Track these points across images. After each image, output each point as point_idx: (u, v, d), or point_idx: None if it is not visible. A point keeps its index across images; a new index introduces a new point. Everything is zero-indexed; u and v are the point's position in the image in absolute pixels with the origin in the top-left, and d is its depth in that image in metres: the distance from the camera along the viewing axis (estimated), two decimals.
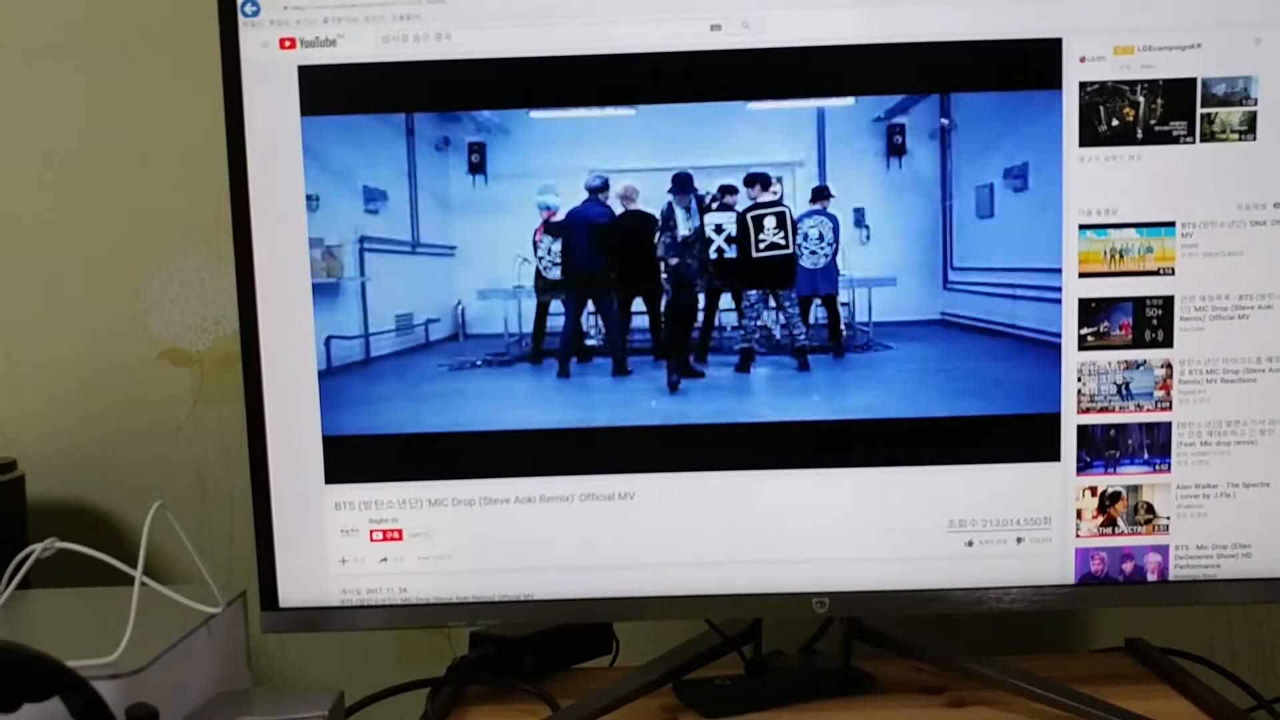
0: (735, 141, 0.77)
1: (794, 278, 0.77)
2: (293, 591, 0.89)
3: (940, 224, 0.79)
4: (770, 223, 0.74)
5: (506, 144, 0.78)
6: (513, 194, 0.78)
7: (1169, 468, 0.88)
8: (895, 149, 0.77)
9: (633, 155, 0.80)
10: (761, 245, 0.75)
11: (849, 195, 0.76)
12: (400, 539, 0.89)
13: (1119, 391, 0.88)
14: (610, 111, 0.76)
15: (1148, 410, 0.88)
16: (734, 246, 0.74)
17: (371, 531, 0.89)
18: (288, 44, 0.85)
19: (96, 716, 0.68)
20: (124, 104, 1.12)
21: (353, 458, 0.88)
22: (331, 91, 0.86)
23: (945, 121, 0.76)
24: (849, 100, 0.75)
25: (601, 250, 0.76)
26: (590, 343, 0.78)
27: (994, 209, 0.77)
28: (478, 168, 0.78)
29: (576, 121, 0.79)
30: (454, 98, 0.85)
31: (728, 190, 0.74)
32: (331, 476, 0.88)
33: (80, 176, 1.13)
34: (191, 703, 0.83)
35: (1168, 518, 0.89)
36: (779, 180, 0.74)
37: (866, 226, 0.76)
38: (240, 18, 0.85)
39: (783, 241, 0.74)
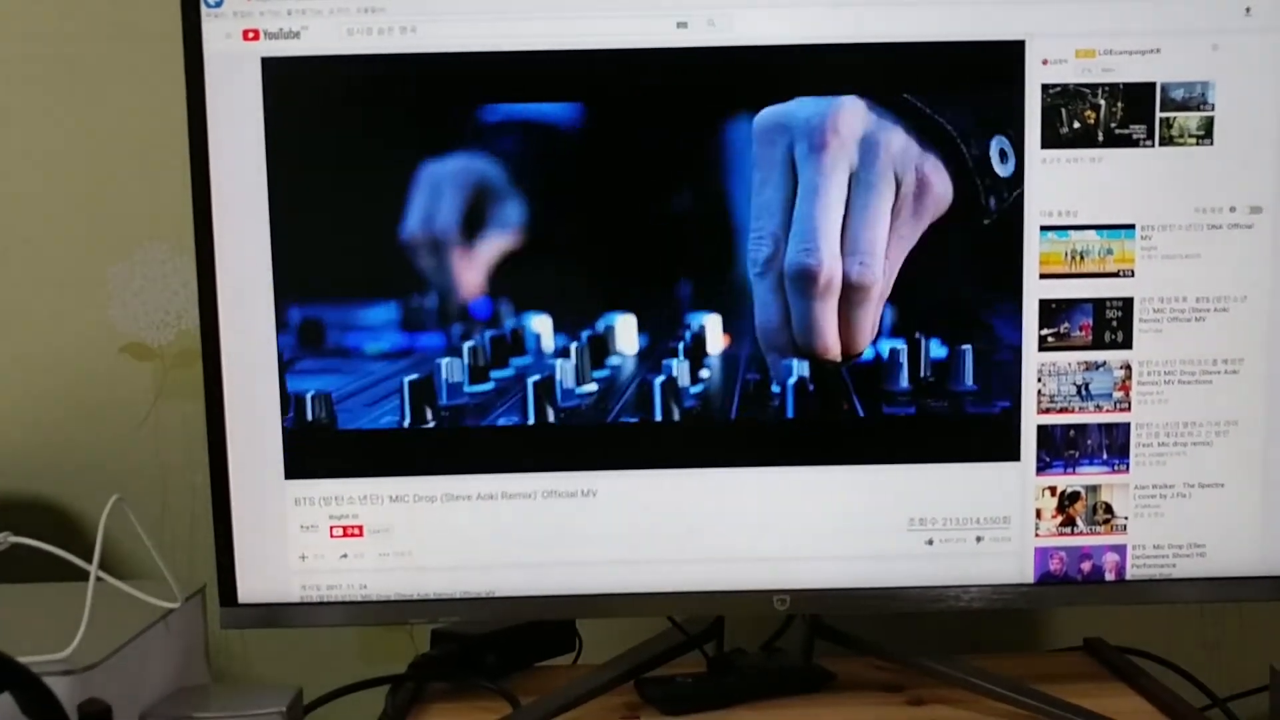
0: None
1: None
2: (252, 587, 0.88)
3: None
4: None
5: None
6: None
7: (1127, 468, 0.89)
8: None
9: None
10: None
11: None
12: (361, 535, 0.88)
13: (1079, 392, 0.88)
14: None
15: (1107, 411, 0.89)
16: None
17: (332, 527, 0.88)
18: (251, 36, 0.85)
19: (48, 713, 0.67)
20: (86, 96, 1.11)
21: (313, 453, 0.88)
22: (295, 84, 0.85)
23: None
24: None
25: None
26: None
27: None
28: None
29: None
30: (418, 92, 0.85)
31: None
32: (292, 472, 0.88)
33: (42, 169, 1.12)
34: (148, 699, 0.82)
35: (1126, 518, 0.90)
36: None
37: None
38: (203, 9, 0.84)
39: None
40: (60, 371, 1.13)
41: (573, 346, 0.87)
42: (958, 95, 0.85)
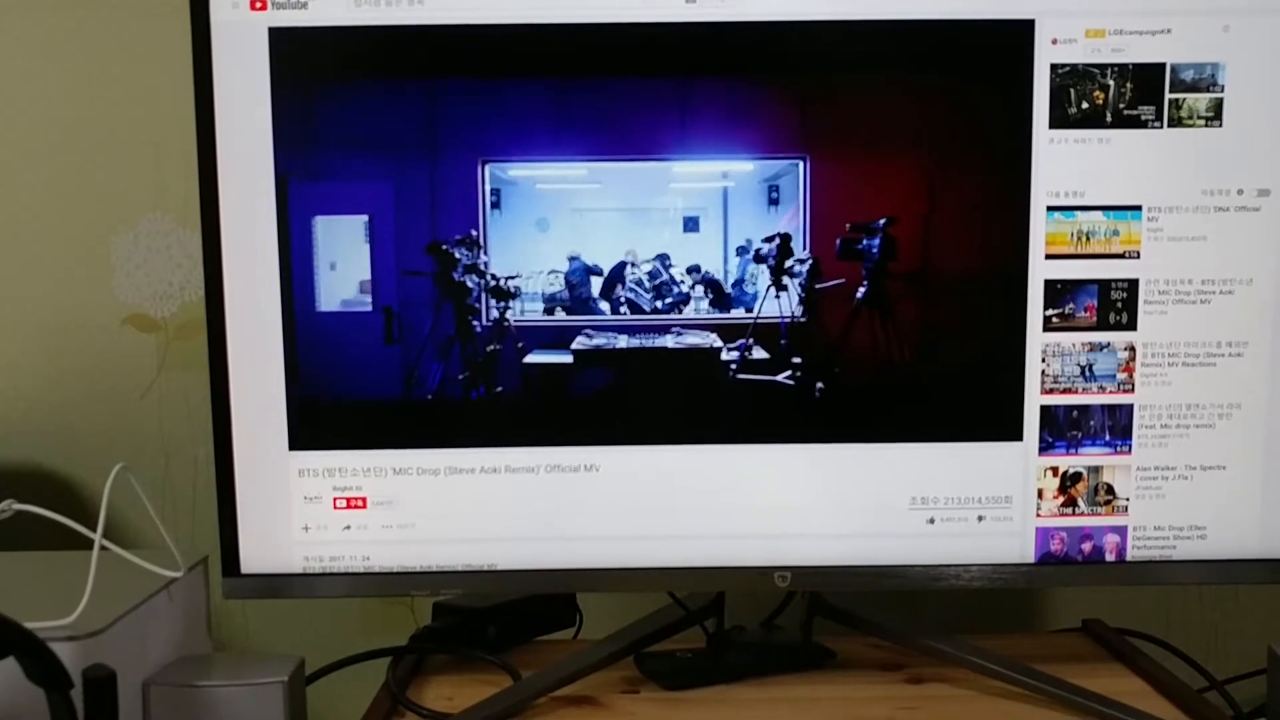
0: (669, 197, 0.88)
1: None
2: (255, 558, 0.89)
3: None
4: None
5: (515, 191, 0.88)
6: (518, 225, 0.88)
7: (1130, 449, 0.89)
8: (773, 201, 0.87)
9: (598, 202, 0.88)
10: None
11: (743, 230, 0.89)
12: (364, 507, 0.89)
13: (1082, 373, 0.88)
14: (583, 186, 0.88)
15: (1110, 392, 0.89)
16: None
17: (335, 499, 0.89)
18: (258, 6, 0.84)
19: (52, 677, 0.68)
20: (92, 66, 1.11)
21: (317, 425, 0.88)
22: (302, 55, 0.85)
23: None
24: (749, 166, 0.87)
25: None
26: None
27: None
28: (495, 205, 0.87)
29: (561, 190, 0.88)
30: (425, 64, 0.85)
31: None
32: (296, 443, 0.88)
33: (47, 140, 1.11)
34: (151, 667, 0.83)
35: (1127, 499, 0.90)
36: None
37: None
38: None
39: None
40: (64, 342, 1.13)
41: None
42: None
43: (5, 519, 0.85)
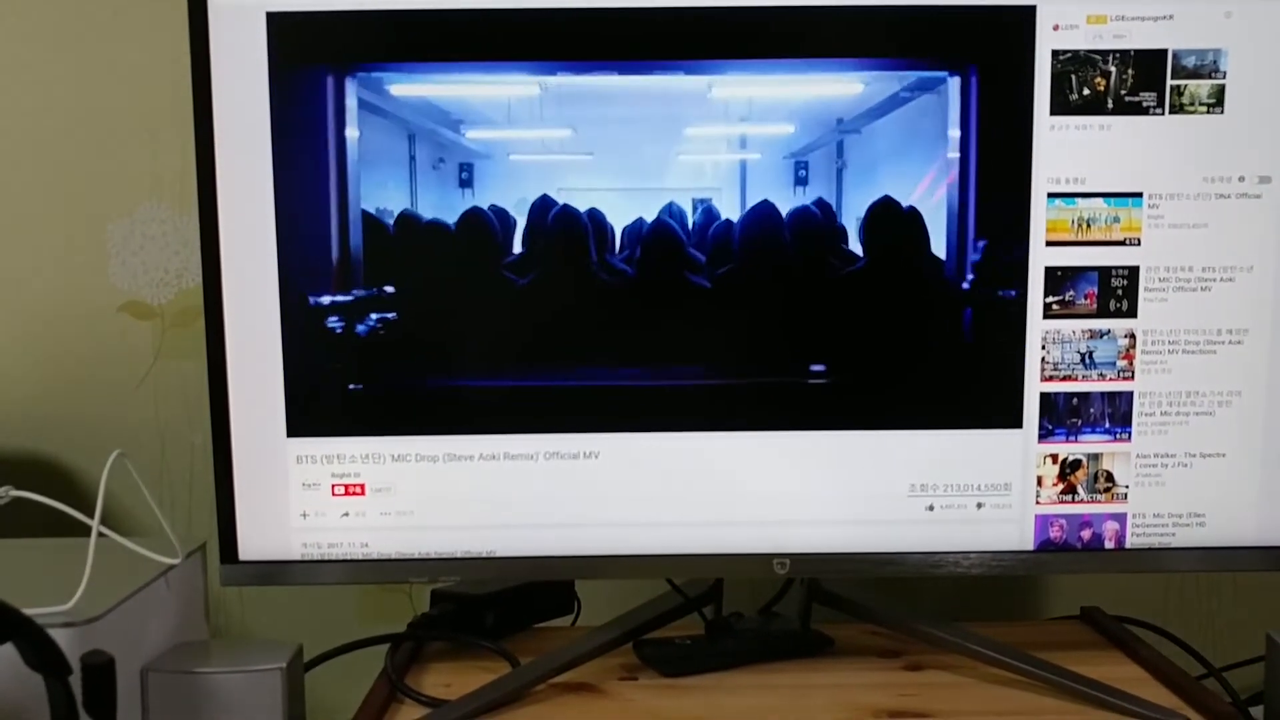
0: (679, 171, 0.87)
1: None
2: (253, 544, 0.89)
3: None
4: None
5: (489, 166, 0.86)
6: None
7: (1129, 437, 0.89)
8: (800, 180, 0.86)
9: (589, 181, 0.87)
10: None
11: None
12: (362, 494, 0.88)
13: (1082, 360, 0.88)
14: (570, 158, 0.86)
15: (1110, 379, 0.89)
16: None
17: (333, 486, 0.88)
18: None
19: (50, 663, 0.68)
20: (88, 50, 1.10)
21: (315, 411, 0.87)
22: (301, 40, 0.84)
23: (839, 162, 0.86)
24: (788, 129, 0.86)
25: None
26: None
27: None
28: (466, 183, 0.86)
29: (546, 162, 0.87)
30: (426, 49, 0.85)
31: None
32: (293, 430, 0.88)
33: (43, 127, 1.11)
34: (148, 653, 0.83)
35: (1126, 486, 0.90)
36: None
37: None
38: None
39: None
40: (60, 329, 1.13)
41: None
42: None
43: (3, 505, 0.84)
